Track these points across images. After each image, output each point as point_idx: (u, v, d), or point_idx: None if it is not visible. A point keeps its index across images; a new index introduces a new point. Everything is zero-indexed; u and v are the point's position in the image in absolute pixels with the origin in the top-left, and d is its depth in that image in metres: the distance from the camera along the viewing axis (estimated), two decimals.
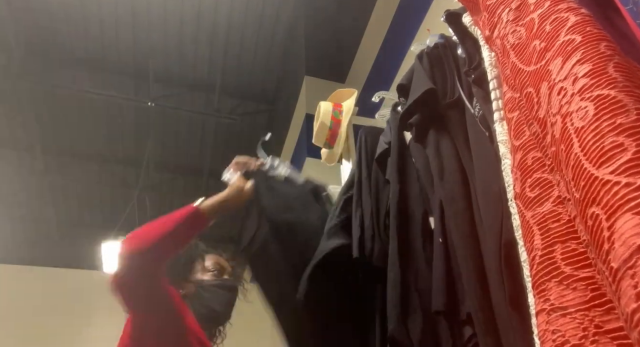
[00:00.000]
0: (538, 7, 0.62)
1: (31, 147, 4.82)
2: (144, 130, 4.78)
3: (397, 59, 2.96)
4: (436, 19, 1.18)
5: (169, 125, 4.79)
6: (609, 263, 0.39)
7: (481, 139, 0.93)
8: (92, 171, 5.22)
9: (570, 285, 0.49)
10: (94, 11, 3.79)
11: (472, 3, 0.81)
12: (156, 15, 3.85)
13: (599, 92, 0.48)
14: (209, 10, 3.83)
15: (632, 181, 0.40)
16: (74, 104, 4.52)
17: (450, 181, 0.99)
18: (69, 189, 5.39)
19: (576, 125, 0.48)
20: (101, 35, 3.99)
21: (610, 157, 0.43)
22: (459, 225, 0.92)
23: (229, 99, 4.58)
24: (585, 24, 0.56)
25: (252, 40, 4.09)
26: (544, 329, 0.50)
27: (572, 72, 0.51)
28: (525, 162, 0.61)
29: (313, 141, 1.93)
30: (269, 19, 3.93)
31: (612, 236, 0.39)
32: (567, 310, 0.48)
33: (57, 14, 3.79)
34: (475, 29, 0.97)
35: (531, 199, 0.58)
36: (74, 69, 4.21)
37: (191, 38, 4.06)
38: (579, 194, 0.45)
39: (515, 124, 0.65)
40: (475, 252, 0.86)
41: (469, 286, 0.85)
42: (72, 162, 5.13)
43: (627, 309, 0.37)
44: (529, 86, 0.59)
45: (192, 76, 4.41)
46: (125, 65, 4.26)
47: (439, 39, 1.20)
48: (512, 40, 0.65)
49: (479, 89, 0.95)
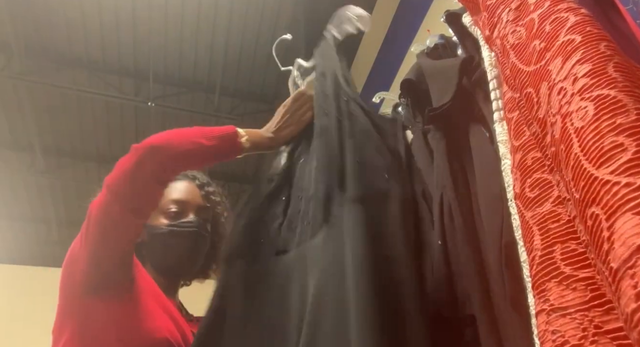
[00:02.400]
0: (538, 7, 0.62)
1: (31, 147, 4.83)
2: (144, 130, 4.79)
3: (397, 59, 2.96)
4: (436, 19, 1.18)
5: (169, 125, 4.79)
6: (609, 263, 0.39)
7: (481, 140, 0.93)
8: (92, 171, 5.22)
9: (570, 285, 0.49)
10: (94, 11, 3.79)
11: (472, 3, 0.81)
12: (156, 15, 3.85)
13: (599, 92, 0.48)
14: (209, 10, 3.84)
15: (632, 181, 0.40)
16: (74, 104, 4.53)
17: (450, 181, 0.99)
18: (69, 189, 5.39)
19: (576, 125, 0.47)
20: (101, 36, 3.99)
21: (610, 157, 0.43)
22: (459, 225, 0.92)
23: (229, 99, 4.58)
24: (585, 24, 0.56)
25: (252, 41, 4.09)
26: (544, 330, 0.50)
27: (572, 72, 0.51)
28: (525, 163, 0.61)
29: None
30: (268, 19, 3.93)
31: (612, 236, 0.39)
32: (566, 310, 0.48)
33: (57, 14, 3.79)
34: (475, 29, 0.97)
35: (531, 199, 0.58)
36: (74, 69, 4.21)
37: (191, 38, 4.07)
38: (578, 194, 0.45)
39: (515, 124, 0.65)
40: (475, 253, 0.86)
41: (470, 287, 0.85)
42: (72, 162, 5.13)
43: (626, 309, 0.37)
44: (528, 86, 0.59)
45: (192, 76, 4.42)
46: (126, 66, 4.26)
47: (439, 39, 1.20)
48: (512, 41, 0.65)
49: (479, 89, 0.95)
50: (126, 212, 0.89)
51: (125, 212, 0.89)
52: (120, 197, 0.89)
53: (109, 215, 0.90)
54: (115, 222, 0.90)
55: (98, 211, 0.91)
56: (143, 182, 0.89)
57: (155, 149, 0.90)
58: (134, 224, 0.93)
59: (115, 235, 0.91)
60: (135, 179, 0.89)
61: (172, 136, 0.94)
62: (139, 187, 0.90)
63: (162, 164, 0.90)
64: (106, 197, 0.90)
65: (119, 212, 0.89)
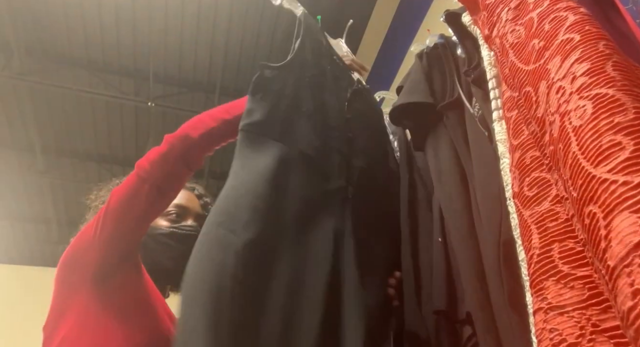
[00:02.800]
0: (537, 6, 0.62)
1: (31, 147, 4.83)
2: (144, 130, 4.79)
3: (397, 59, 2.96)
4: (436, 19, 1.18)
5: (169, 125, 4.80)
6: (606, 261, 0.40)
7: (480, 139, 0.93)
8: (92, 171, 5.22)
9: (567, 284, 0.49)
10: (94, 11, 3.80)
11: (472, 2, 0.81)
12: (157, 15, 3.85)
13: (598, 90, 0.48)
14: (209, 10, 3.84)
15: (630, 180, 0.40)
16: (74, 104, 4.53)
17: (449, 181, 0.99)
18: (69, 189, 5.39)
19: (574, 124, 0.48)
20: (101, 35, 4.00)
21: (608, 155, 0.43)
22: (458, 225, 0.92)
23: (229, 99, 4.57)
24: (584, 23, 0.56)
25: (252, 41, 4.09)
26: (541, 328, 0.50)
27: (571, 71, 0.51)
28: (524, 161, 0.61)
29: None
30: (268, 19, 3.93)
31: (609, 234, 0.39)
32: (564, 309, 0.48)
33: (57, 14, 3.79)
34: (474, 28, 0.97)
35: (529, 198, 0.58)
36: (74, 69, 4.21)
37: (191, 38, 4.07)
38: (576, 192, 0.45)
39: (514, 123, 0.65)
40: (474, 252, 0.87)
41: (469, 285, 0.85)
42: (72, 162, 5.13)
43: (623, 307, 0.37)
44: (527, 85, 0.59)
45: (192, 76, 4.42)
46: (126, 66, 4.26)
47: (439, 39, 1.20)
48: (511, 39, 0.65)
49: (478, 88, 0.95)
50: (154, 189, 0.95)
51: (153, 190, 0.95)
52: (150, 176, 0.95)
53: (137, 192, 0.95)
54: (140, 199, 0.95)
55: (124, 190, 0.96)
56: (173, 164, 0.97)
57: (184, 133, 0.98)
58: (159, 203, 0.99)
59: (138, 211, 0.96)
60: (167, 160, 0.96)
61: (198, 119, 1.01)
62: (169, 169, 0.97)
63: (190, 146, 0.97)
64: (136, 177, 0.96)
65: (148, 189, 0.95)
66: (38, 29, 3.90)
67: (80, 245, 0.99)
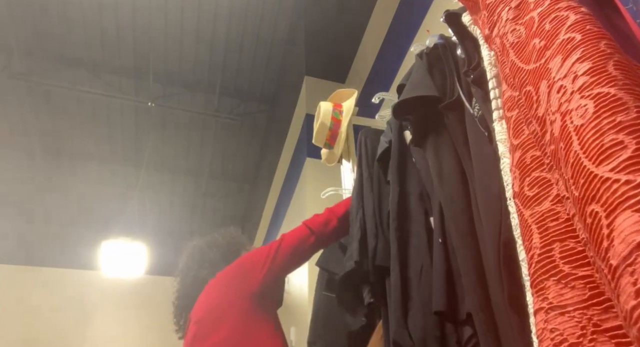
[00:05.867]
0: (538, 6, 0.62)
1: (31, 147, 4.82)
2: (144, 130, 4.79)
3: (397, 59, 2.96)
4: (436, 19, 1.18)
5: (169, 125, 4.80)
6: (608, 261, 0.39)
7: (480, 139, 0.93)
8: (92, 171, 5.22)
9: (568, 284, 0.48)
10: (94, 11, 3.79)
11: (472, 2, 0.81)
12: (156, 15, 3.85)
13: (599, 90, 0.48)
14: (209, 10, 3.83)
15: (632, 179, 0.40)
16: (74, 104, 4.53)
17: (449, 181, 0.99)
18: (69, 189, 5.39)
19: (576, 123, 0.47)
20: (101, 35, 3.99)
21: (610, 154, 0.43)
22: (458, 225, 0.91)
23: (229, 99, 4.58)
24: (585, 23, 0.55)
25: (252, 40, 4.09)
26: (542, 328, 0.50)
27: (572, 70, 0.51)
28: (524, 161, 0.61)
29: (313, 141, 1.93)
30: (268, 19, 3.93)
31: (612, 233, 0.39)
32: (565, 309, 0.48)
33: (57, 14, 3.79)
34: (474, 28, 0.97)
35: (530, 197, 0.58)
36: (74, 69, 4.21)
37: (191, 38, 4.07)
38: (578, 192, 0.45)
39: (514, 123, 0.65)
40: (474, 252, 0.86)
41: (469, 286, 0.85)
42: (72, 162, 5.13)
43: (626, 306, 0.37)
44: (528, 84, 0.58)
45: (192, 76, 4.42)
46: (126, 66, 4.26)
47: (439, 39, 1.20)
48: (511, 39, 0.65)
49: (478, 89, 0.95)
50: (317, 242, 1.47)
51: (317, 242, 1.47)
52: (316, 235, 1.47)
53: (305, 241, 1.45)
54: (305, 246, 1.45)
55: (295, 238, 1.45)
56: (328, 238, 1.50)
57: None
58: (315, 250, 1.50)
59: (302, 252, 1.45)
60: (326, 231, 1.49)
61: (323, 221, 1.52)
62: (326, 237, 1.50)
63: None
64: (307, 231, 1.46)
65: (313, 241, 1.46)
66: (38, 29, 3.90)
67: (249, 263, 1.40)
